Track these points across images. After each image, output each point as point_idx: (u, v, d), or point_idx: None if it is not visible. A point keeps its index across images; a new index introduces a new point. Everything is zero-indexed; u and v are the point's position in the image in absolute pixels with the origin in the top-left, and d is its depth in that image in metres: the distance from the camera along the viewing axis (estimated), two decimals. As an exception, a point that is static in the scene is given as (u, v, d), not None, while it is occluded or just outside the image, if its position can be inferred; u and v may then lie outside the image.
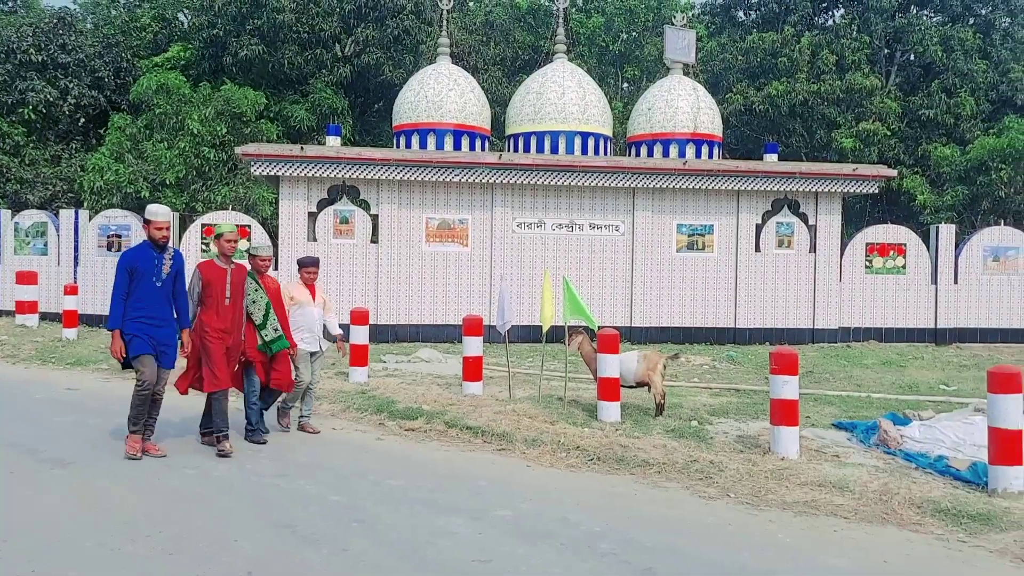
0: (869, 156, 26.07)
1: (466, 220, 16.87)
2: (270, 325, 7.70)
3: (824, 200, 17.69)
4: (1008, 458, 6.22)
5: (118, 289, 7.00)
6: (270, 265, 8.11)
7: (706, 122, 19.17)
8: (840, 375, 12.85)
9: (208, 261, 7.53)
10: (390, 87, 25.71)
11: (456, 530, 5.50)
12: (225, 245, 7.48)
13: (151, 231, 7.11)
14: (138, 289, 6.98)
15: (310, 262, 8.43)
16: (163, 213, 7.16)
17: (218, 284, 7.37)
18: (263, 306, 7.70)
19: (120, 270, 7.03)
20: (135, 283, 6.97)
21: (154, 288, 7.02)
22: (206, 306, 7.37)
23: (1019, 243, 18.42)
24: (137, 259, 7.05)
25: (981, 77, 28.05)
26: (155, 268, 7.03)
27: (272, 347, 7.71)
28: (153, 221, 7.09)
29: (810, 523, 5.79)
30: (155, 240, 7.08)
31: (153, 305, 7.02)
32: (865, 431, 8.18)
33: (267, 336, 7.69)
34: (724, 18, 34.25)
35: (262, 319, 7.68)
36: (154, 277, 7.02)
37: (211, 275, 7.40)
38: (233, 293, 7.43)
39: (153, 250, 7.07)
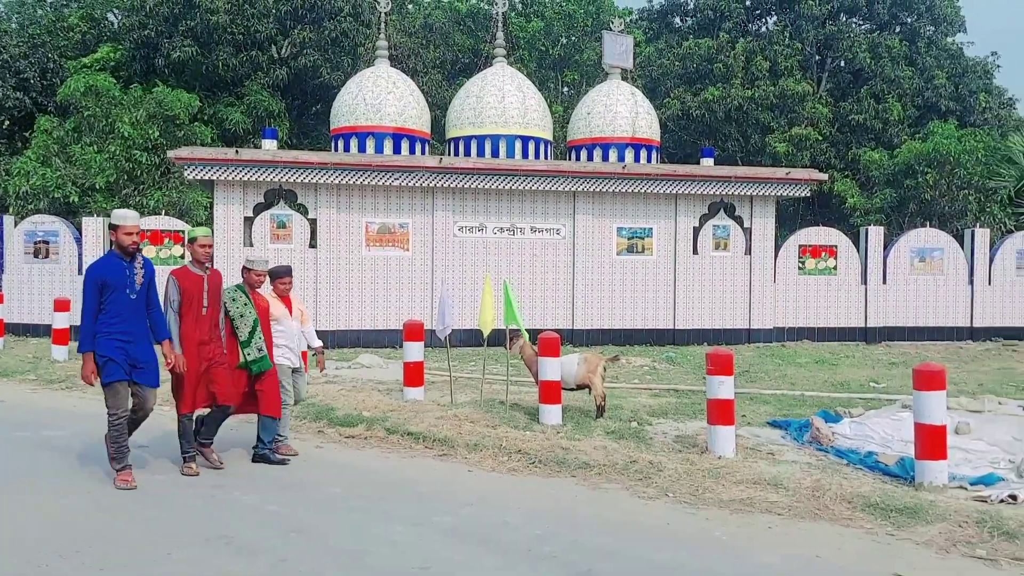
0: (801, 160, 26.75)
1: (407, 224, 16.79)
2: (255, 344, 7.14)
3: (759, 203, 18.08)
4: (933, 453, 6.44)
5: (88, 306, 6.36)
6: (265, 280, 7.50)
7: (644, 127, 19.44)
8: (775, 374, 13.14)
9: (182, 268, 6.98)
10: (328, 89, 25.44)
11: (396, 537, 5.45)
12: (200, 251, 6.94)
13: (119, 237, 6.47)
14: (112, 304, 6.37)
15: (283, 272, 7.80)
16: (132, 217, 6.55)
17: (195, 292, 6.85)
18: (251, 322, 7.14)
19: (89, 286, 6.38)
20: (107, 298, 6.36)
21: (129, 301, 6.43)
22: (182, 316, 6.81)
23: (944, 244, 19.10)
24: (106, 271, 6.41)
25: (907, 83, 29.03)
26: (127, 279, 6.44)
27: (253, 367, 7.15)
28: (122, 226, 6.46)
29: (746, 520, 5.90)
30: (124, 248, 6.47)
31: (130, 320, 6.42)
32: (798, 429, 8.38)
33: (249, 355, 7.12)
34: (661, 24, 34.78)
35: (248, 336, 7.12)
36: (127, 289, 6.43)
37: (188, 282, 6.86)
38: (211, 301, 6.94)
39: (122, 260, 6.48)
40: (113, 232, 6.51)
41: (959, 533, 5.51)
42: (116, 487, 6.39)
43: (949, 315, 18.94)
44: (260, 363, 7.18)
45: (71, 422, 8.88)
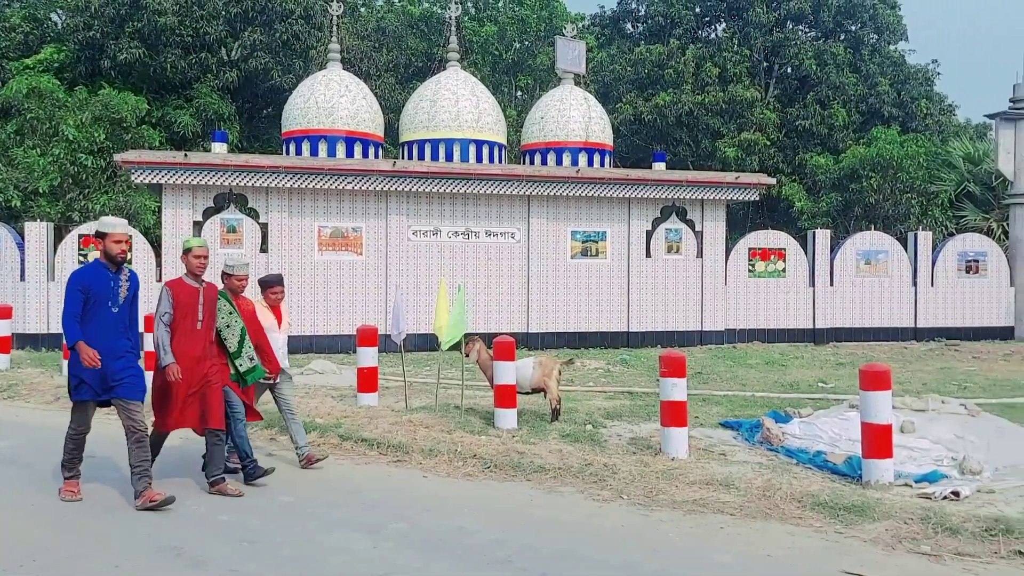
0: (751, 165, 27.22)
1: (360, 228, 16.67)
2: (245, 354, 6.74)
3: (709, 207, 18.34)
4: (879, 452, 6.59)
5: (70, 308, 5.94)
6: (247, 285, 7.10)
7: (597, 131, 19.60)
8: (726, 375, 13.32)
9: (177, 280, 6.56)
10: (279, 92, 25.15)
11: (351, 545, 5.41)
12: (194, 262, 6.49)
13: (108, 246, 6.04)
14: (92, 316, 5.96)
15: (274, 280, 7.45)
16: (121, 225, 6.15)
17: (190, 305, 6.41)
18: (238, 331, 6.73)
19: (72, 290, 5.98)
20: (88, 309, 5.96)
21: (110, 315, 6.03)
22: (175, 331, 6.37)
23: (888, 247, 19.58)
24: (92, 280, 6.01)
25: (852, 90, 29.73)
26: (111, 291, 6.04)
27: (247, 378, 6.79)
28: (110, 234, 6.04)
29: (699, 521, 5.97)
30: (112, 257, 6.06)
31: (109, 336, 6.01)
32: (750, 429, 8.51)
33: (242, 366, 6.73)
34: (613, 30, 35.10)
35: (237, 346, 6.71)
36: (110, 302, 6.02)
37: (183, 295, 6.42)
38: (206, 315, 6.49)
39: (108, 270, 6.07)
40: (100, 240, 6.12)
41: (904, 530, 5.64)
42: (60, 498, 6.20)
43: (894, 316, 19.42)
44: (253, 373, 6.83)
45: (15, 432, 8.64)
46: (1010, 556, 5.22)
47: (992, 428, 7.78)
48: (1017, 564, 5.14)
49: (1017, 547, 5.29)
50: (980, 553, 5.28)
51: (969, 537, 5.47)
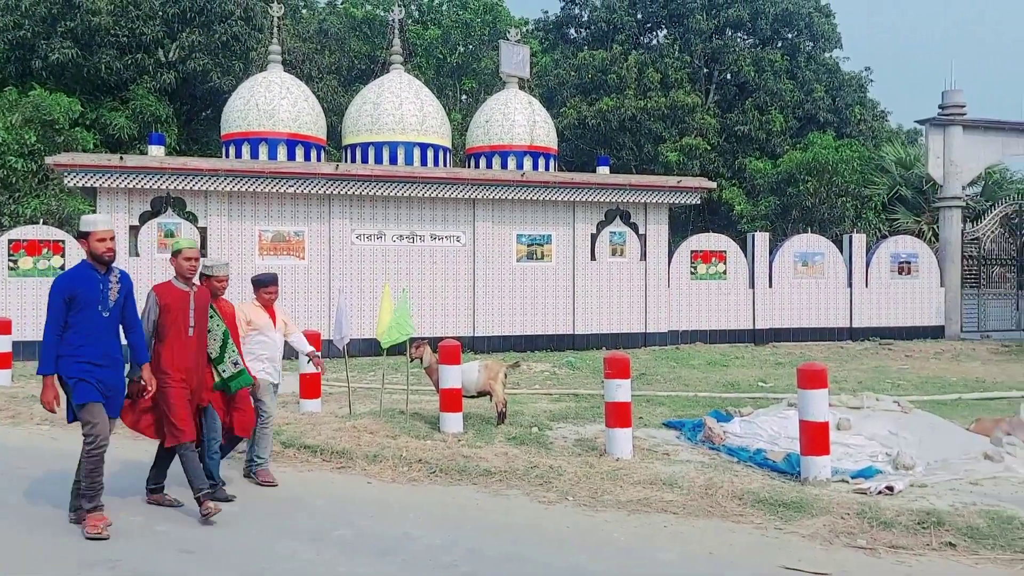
0: (692, 169, 27.66)
1: (302, 232, 16.45)
2: (228, 359, 6.35)
3: (652, 211, 18.57)
4: (817, 448, 6.74)
5: (53, 323, 5.46)
6: (227, 286, 6.72)
7: (542, 135, 19.70)
8: (670, 376, 13.50)
9: (165, 283, 6.11)
10: (219, 95, 24.71)
11: (294, 553, 5.32)
12: (184, 265, 6.03)
13: (92, 245, 5.55)
14: (80, 322, 5.49)
15: (268, 280, 7.17)
16: (103, 221, 5.67)
17: (180, 311, 5.97)
18: (220, 336, 6.34)
19: (55, 299, 5.47)
20: (76, 315, 5.47)
21: (100, 320, 5.54)
22: (164, 339, 5.93)
23: (824, 249, 20.08)
24: (76, 284, 5.53)
25: (789, 96, 30.45)
26: (100, 294, 5.56)
27: (231, 385, 6.36)
28: (93, 232, 5.54)
29: (643, 520, 6.03)
30: (98, 257, 5.57)
31: (101, 342, 5.55)
32: (692, 429, 8.63)
33: (225, 372, 6.32)
34: (557, 35, 35.35)
35: (219, 351, 6.32)
36: (100, 306, 5.54)
37: (171, 299, 5.98)
38: (197, 321, 6.07)
39: (95, 271, 5.59)
40: (83, 241, 5.62)
41: (841, 525, 5.78)
42: (86, 535, 5.41)
43: (830, 316, 19.91)
44: (239, 379, 6.39)
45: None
46: (941, 548, 5.39)
47: (924, 424, 8.02)
48: (948, 555, 5.31)
49: (948, 539, 5.46)
50: (913, 545, 5.43)
51: (903, 530, 5.63)
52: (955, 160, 21.12)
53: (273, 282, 7.20)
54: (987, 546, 5.34)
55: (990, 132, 21.56)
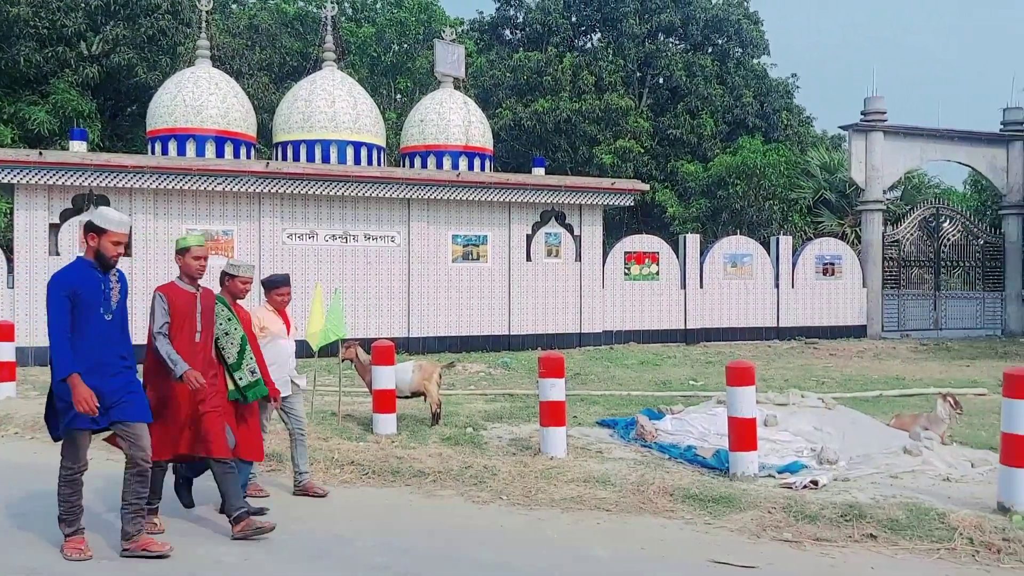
0: (626, 171, 28.02)
1: (231, 231, 16.09)
2: (246, 366, 5.82)
3: (587, 212, 18.74)
4: (745, 444, 6.89)
5: (59, 323, 4.91)
6: (250, 290, 6.19)
7: (477, 135, 19.68)
8: (604, 376, 13.64)
9: (169, 284, 5.63)
10: (145, 90, 24.02)
11: (223, 558, 5.19)
12: (193, 264, 5.54)
13: (104, 245, 5.03)
14: (82, 326, 4.97)
15: (280, 281, 6.60)
16: (124, 223, 5.16)
17: (187, 313, 5.49)
18: (238, 340, 5.84)
19: (57, 297, 4.94)
20: (77, 318, 4.96)
21: (103, 324, 5.05)
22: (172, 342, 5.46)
23: (753, 251, 20.56)
24: (79, 283, 4.99)
25: (719, 101, 31.11)
26: (103, 295, 5.07)
27: (248, 395, 5.83)
28: (109, 232, 5.03)
29: (576, 518, 6.07)
30: (105, 259, 5.05)
31: (105, 347, 5.04)
32: (625, 427, 8.73)
33: (242, 380, 5.79)
34: (492, 36, 35.42)
35: (236, 357, 5.80)
36: (102, 308, 5.05)
37: (178, 301, 5.49)
38: (204, 325, 5.60)
39: (96, 270, 5.08)
40: (93, 237, 5.05)
41: (768, 519, 5.92)
42: (65, 557, 5.06)
43: (758, 316, 20.39)
44: (255, 389, 5.87)
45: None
46: (863, 539, 5.56)
47: (847, 420, 8.27)
48: (869, 547, 5.48)
49: (869, 531, 5.64)
50: (836, 538, 5.59)
51: (826, 523, 5.79)
52: (876, 165, 21.87)
53: (285, 283, 6.63)
54: (906, 537, 5.53)
55: (910, 138, 22.39)
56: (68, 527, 5.14)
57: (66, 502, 5.12)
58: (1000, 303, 22.96)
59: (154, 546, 5.14)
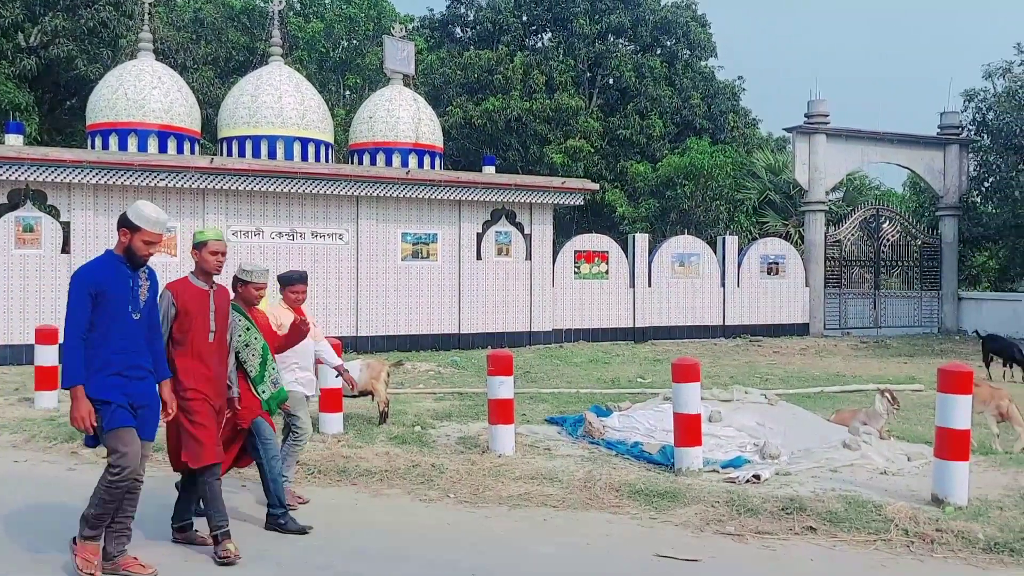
0: (576, 171, 28.15)
1: (174, 228, 15.73)
2: (268, 377, 5.57)
3: (537, 211, 18.79)
4: (690, 440, 6.98)
5: (76, 323, 4.54)
6: (264, 296, 5.86)
7: (427, 133, 19.59)
8: (553, 374, 13.70)
9: (181, 280, 5.24)
10: (85, 83, 23.37)
11: (163, 560, 5.08)
12: (211, 260, 5.17)
13: (135, 243, 4.69)
14: (109, 325, 4.60)
15: (296, 278, 6.34)
16: (161, 224, 4.79)
17: (199, 313, 5.10)
18: (259, 350, 5.54)
19: (78, 293, 4.57)
20: (102, 316, 4.59)
21: (131, 323, 4.68)
22: (181, 345, 5.08)
23: (700, 250, 20.84)
24: (105, 279, 4.63)
25: (668, 102, 31.44)
26: (131, 292, 4.71)
27: (273, 404, 5.61)
28: (143, 230, 4.68)
29: (523, 515, 6.09)
30: (135, 257, 4.71)
31: (133, 349, 4.68)
32: (573, 424, 8.78)
33: (264, 393, 5.53)
34: (442, 33, 35.28)
35: (259, 369, 5.52)
36: (130, 306, 4.68)
37: (189, 300, 5.10)
38: (218, 326, 5.20)
39: (125, 266, 4.71)
40: (126, 233, 4.70)
41: (712, 513, 6.00)
42: (77, 570, 4.69)
43: (705, 315, 20.69)
44: (279, 396, 5.66)
45: None
46: (803, 532, 5.68)
47: (789, 416, 8.44)
48: (809, 539, 5.60)
49: (809, 523, 5.76)
50: (777, 531, 5.70)
51: (768, 516, 5.90)
52: (819, 166, 22.35)
53: (302, 280, 6.34)
54: (844, 529, 5.66)
55: (851, 140, 22.94)
56: (91, 529, 4.71)
57: (101, 506, 4.67)
58: (937, 302, 23.67)
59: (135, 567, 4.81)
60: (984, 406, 8.13)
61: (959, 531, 5.45)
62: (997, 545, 5.30)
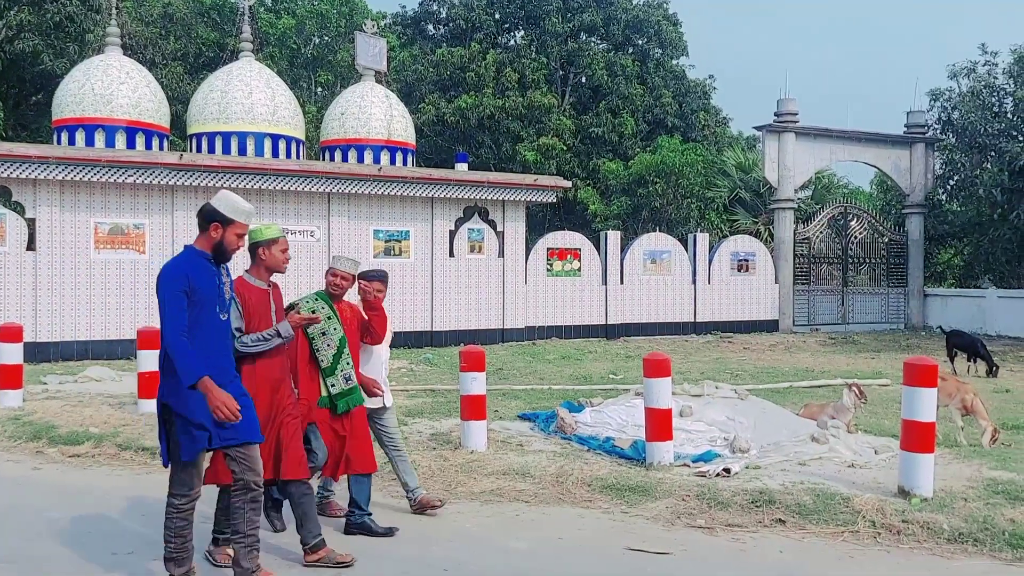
0: (549, 168, 28.21)
1: (143, 225, 15.56)
2: (340, 372, 5.27)
3: (510, 208, 18.80)
4: (661, 435, 7.02)
5: (177, 322, 4.24)
6: (349, 286, 5.56)
7: (400, 130, 19.52)
8: (526, 370, 13.72)
9: (238, 279, 4.88)
10: (51, 78, 23.00)
11: (128, 560, 5.03)
12: (280, 257, 4.92)
13: (228, 238, 4.47)
14: (198, 327, 4.31)
15: (375, 276, 5.83)
16: (251, 213, 4.58)
17: (262, 313, 4.86)
18: (336, 343, 5.29)
19: (172, 290, 4.28)
20: (192, 317, 4.30)
21: (218, 325, 4.42)
22: None
23: (671, 247, 20.98)
24: (196, 276, 4.35)
25: (639, 100, 31.59)
26: (218, 291, 4.45)
27: (339, 404, 5.27)
28: (236, 223, 4.47)
29: (496, 510, 6.09)
30: (227, 252, 4.48)
31: (219, 352, 4.40)
32: (545, 420, 8.80)
33: (334, 387, 5.25)
34: (415, 30, 35.16)
35: (331, 361, 5.25)
36: (217, 306, 4.43)
37: (252, 299, 4.84)
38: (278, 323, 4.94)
39: (210, 263, 4.46)
40: (217, 227, 4.44)
41: (683, 506, 6.05)
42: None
43: (676, 312, 20.83)
44: (349, 398, 5.32)
45: None
46: (772, 524, 5.74)
47: (758, 410, 8.52)
48: (778, 531, 5.66)
49: (778, 516, 5.82)
50: (747, 523, 5.76)
51: (738, 509, 5.95)
52: (788, 164, 22.58)
53: (378, 278, 5.81)
54: (813, 521, 5.74)
55: (820, 139, 23.20)
56: (179, 567, 4.43)
57: (179, 537, 4.40)
58: (903, 298, 24.02)
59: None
60: (949, 399, 8.27)
61: (925, 522, 5.54)
62: (961, 536, 5.40)
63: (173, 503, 4.39)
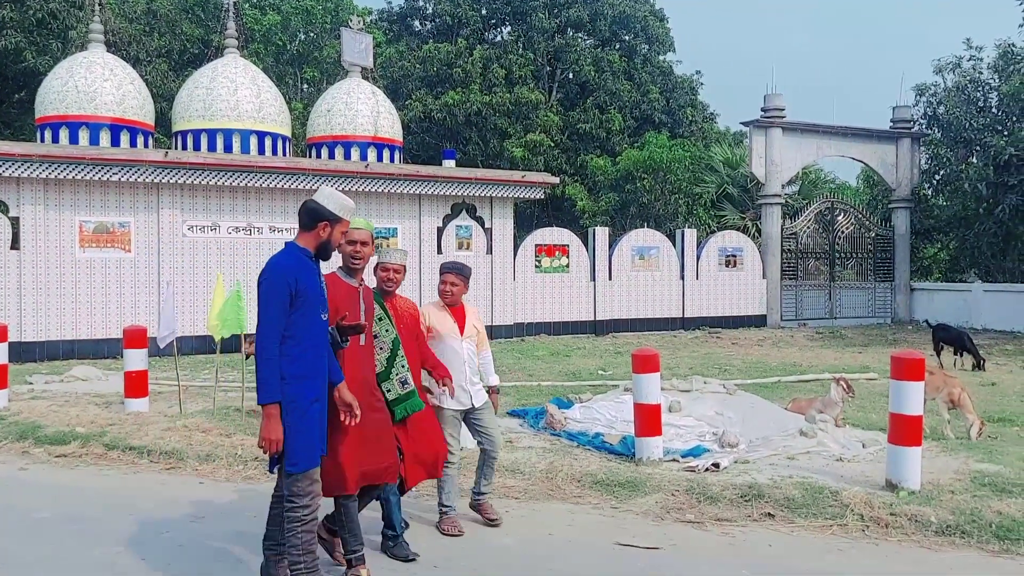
0: (536, 165, 28.19)
1: (128, 223, 15.45)
2: (395, 376, 4.90)
3: (498, 205, 18.78)
4: (650, 430, 7.02)
5: (273, 327, 3.98)
6: (402, 279, 5.32)
7: (386, 126, 19.45)
8: (515, 367, 13.71)
9: (331, 274, 4.64)
10: (34, 75, 22.79)
11: (116, 560, 4.99)
12: (348, 249, 4.67)
13: (335, 236, 4.29)
14: (300, 328, 4.05)
15: (452, 268, 5.57)
16: (354, 209, 4.44)
17: (352, 312, 4.55)
18: (389, 344, 4.94)
19: (276, 290, 4.01)
20: (298, 320, 4.04)
21: (321, 327, 4.16)
22: None
23: (659, 243, 21.00)
24: (303, 276, 4.10)
25: (627, 96, 31.61)
26: (321, 291, 4.23)
27: (396, 411, 4.88)
28: (343, 220, 4.33)
29: (485, 507, 6.07)
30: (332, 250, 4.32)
31: (321, 356, 4.16)
32: (535, 416, 8.80)
33: (390, 393, 4.86)
34: (401, 26, 35.06)
35: (385, 364, 4.88)
36: (321, 308, 4.18)
37: (340, 297, 4.53)
38: (369, 325, 4.73)
39: (311, 261, 4.22)
40: (327, 226, 4.23)
41: (672, 501, 6.06)
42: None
43: (665, 307, 20.87)
44: (407, 403, 4.92)
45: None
46: (761, 518, 5.76)
47: (747, 405, 8.54)
48: (767, 525, 5.67)
49: (767, 510, 5.84)
50: (736, 517, 5.77)
51: (727, 504, 5.97)
52: (775, 160, 22.65)
53: (459, 272, 5.59)
54: (801, 515, 5.75)
55: (807, 134, 23.27)
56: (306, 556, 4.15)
57: (307, 554, 4.12)
58: (890, 293, 24.15)
59: None
60: (936, 393, 8.32)
61: (912, 515, 5.57)
62: (949, 528, 5.42)
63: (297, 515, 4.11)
